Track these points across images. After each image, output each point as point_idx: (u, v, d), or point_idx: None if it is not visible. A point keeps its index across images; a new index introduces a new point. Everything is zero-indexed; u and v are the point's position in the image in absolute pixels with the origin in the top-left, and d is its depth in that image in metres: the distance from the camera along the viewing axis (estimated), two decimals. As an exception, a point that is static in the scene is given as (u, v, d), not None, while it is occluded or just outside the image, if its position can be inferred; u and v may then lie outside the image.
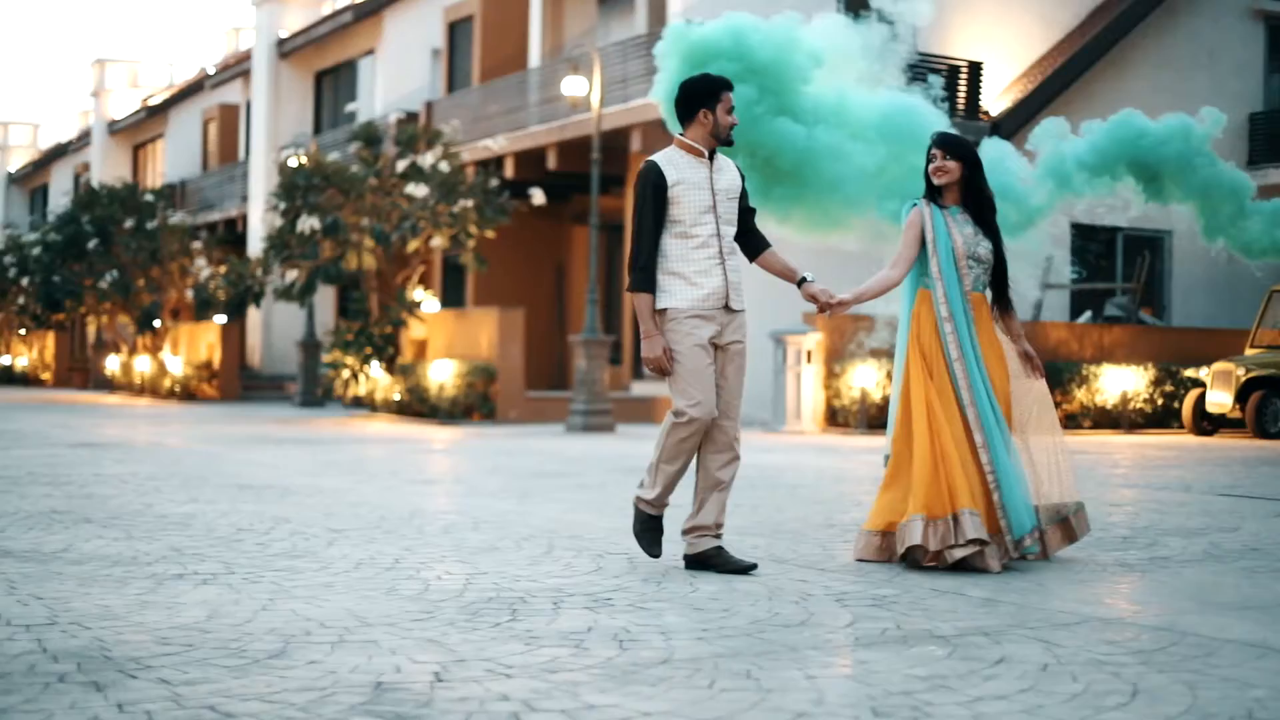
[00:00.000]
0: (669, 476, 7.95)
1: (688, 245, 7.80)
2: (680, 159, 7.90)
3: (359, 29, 41.09)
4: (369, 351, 29.08)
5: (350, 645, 5.80)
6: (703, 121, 7.90)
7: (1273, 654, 5.75)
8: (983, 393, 8.07)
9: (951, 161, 8.31)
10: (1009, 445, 8.09)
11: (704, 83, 7.99)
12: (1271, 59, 32.12)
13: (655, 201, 7.78)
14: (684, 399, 7.75)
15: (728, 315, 7.90)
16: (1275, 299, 24.51)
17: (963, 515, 7.82)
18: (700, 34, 12.40)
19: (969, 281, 8.24)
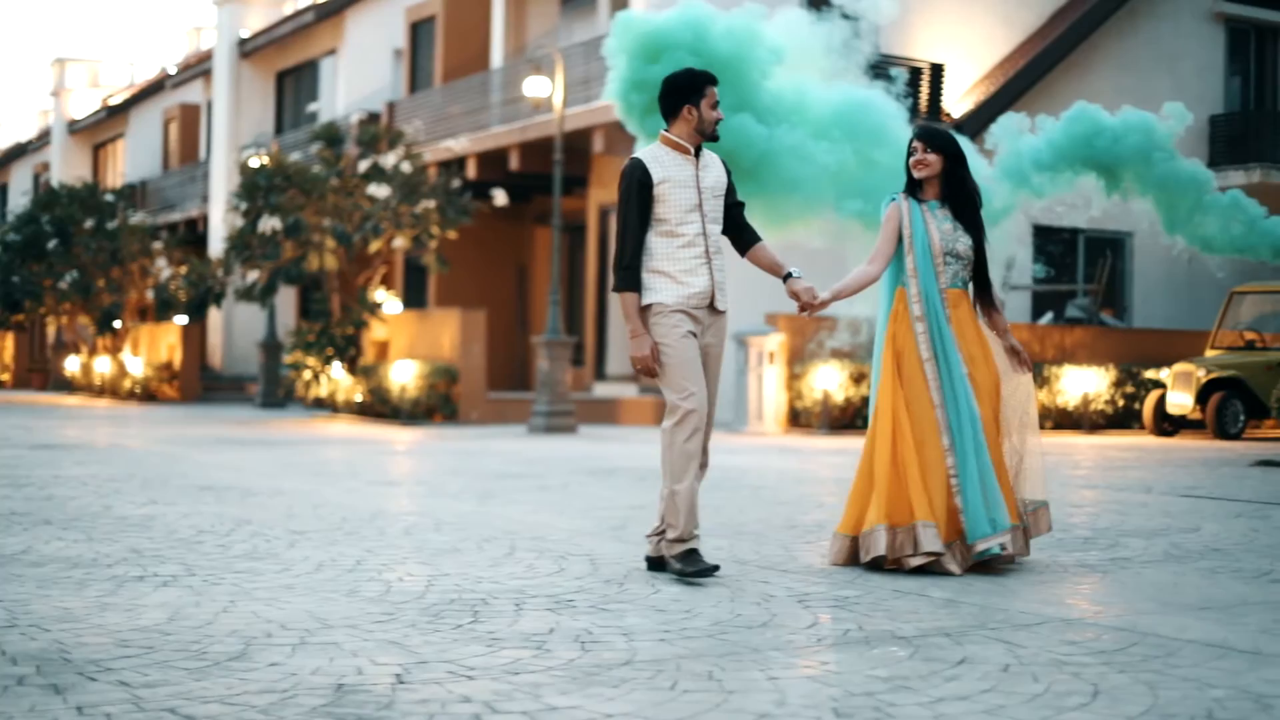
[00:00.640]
0: (686, 499, 7.58)
1: (674, 244, 7.68)
2: (665, 156, 7.77)
3: (321, 29, 41.00)
4: (330, 352, 29.00)
5: (311, 647, 5.78)
6: (687, 117, 7.77)
7: (1233, 654, 5.77)
8: (952, 394, 8.00)
9: (932, 155, 8.22)
10: (979, 448, 7.95)
11: (687, 78, 7.83)
12: (1232, 62, 32.29)
13: (640, 199, 7.67)
14: (677, 392, 7.62)
15: (711, 316, 7.80)
16: (1235, 301, 24.63)
17: (918, 527, 7.82)
18: (653, 25, 12.04)
19: (946, 278, 8.15)
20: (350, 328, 29.07)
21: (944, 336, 8.09)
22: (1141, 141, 12.29)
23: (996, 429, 8.12)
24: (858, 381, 24.09)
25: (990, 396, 8.12)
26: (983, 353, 8.20)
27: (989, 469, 7.96)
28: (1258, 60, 33.01)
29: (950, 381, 8.03)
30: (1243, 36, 32.67)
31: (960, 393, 8.01)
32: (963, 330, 8.16)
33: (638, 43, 11.83)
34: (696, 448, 7.63)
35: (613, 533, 9.80)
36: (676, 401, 7.62)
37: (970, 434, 7.95)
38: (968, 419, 7.97)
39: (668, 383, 7.67)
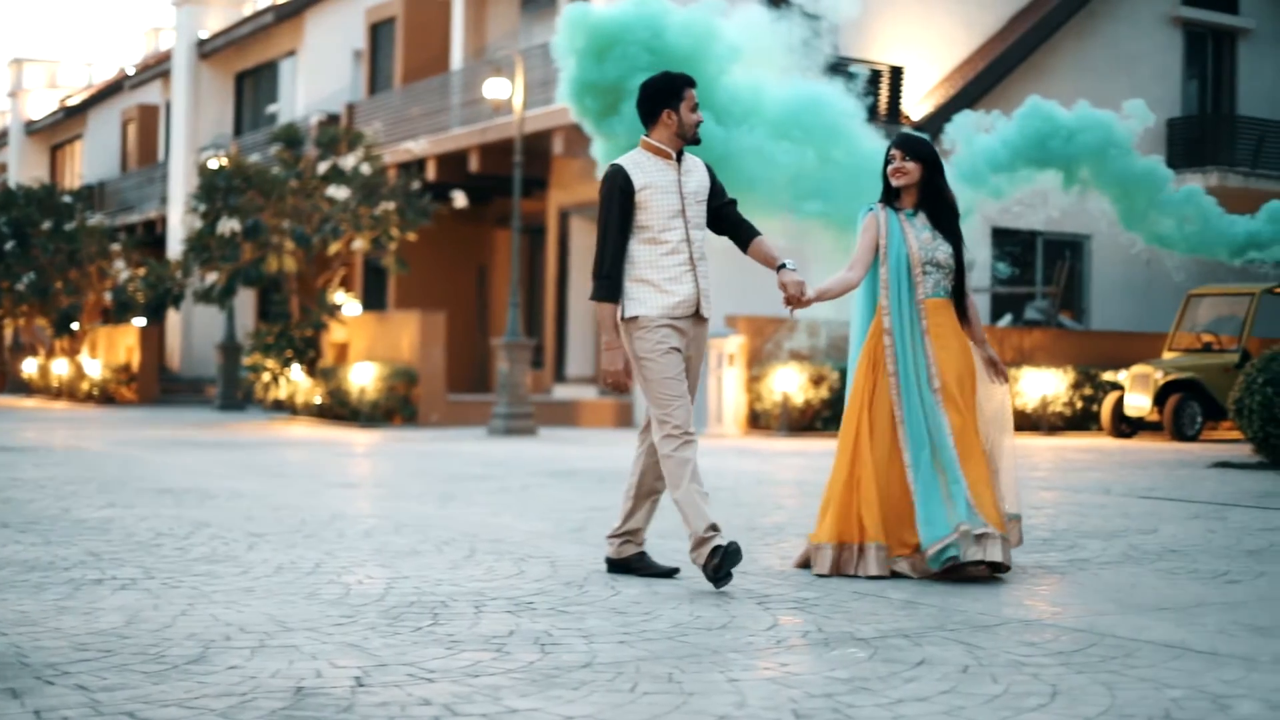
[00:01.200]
0: (693, 502, 7.43)
1: (657, 251, 7.56)
2: (647, 161, 7.66)
3: (280, 30, 40.89)
4: (289, 354, 28.91)
5: (270, 650, 5.76)
6: (667, 122, 7.65)
7: (1190, 654, 5.80)
8: (919, 410, 7.88)
9: (911, 163, 8.10)
10: (948, 463, 7.79)
11: (665, 81, 7.71)
12: (1189, 65, 32.46)
13: (621, 207, 7.55)
14: (669, 415, 7.47)
15: (696, 326, 7.69)
16: (1193, 303, 24.75)
17: (869, 549, 7.82)
18: (603, 19, 11.67)
19: (927, 287, 8.04)
20: (309, 330, 28.99)
21: (916, 349, 7.99)
22: (1098, 137, 12.23)
23: (976, 439, 7.95)
24: (817, 384, 24.12)
25: (969, 409, 7.99)
26: (966, 363, 8.07)
27: (959, 482, 7.76)
28: (1215, 64, 33.17)
29: (918, 396, 7.92)
30: (1200, 40, 32.83)
31: (927, 407, 7.90)
32: (944, 341, 8.02)
33: (588, 39, 11.57)
34: (688, 455, 7.49)
35: (572, 535, 9.80)
36: (671, 426, 7.48)
37: (928, 450, 7.82)
38: (933, 434, 7.84)
39: (656, 399, 7.55)
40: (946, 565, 7.64)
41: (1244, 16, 33.01)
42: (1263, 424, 16.70)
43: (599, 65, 11.49)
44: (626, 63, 11.16)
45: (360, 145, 29.19)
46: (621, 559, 7.93)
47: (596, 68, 11.51)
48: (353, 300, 30.86)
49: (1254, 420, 16.82)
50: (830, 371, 24.05)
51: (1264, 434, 16.75)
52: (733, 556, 7.26)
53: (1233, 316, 24.39)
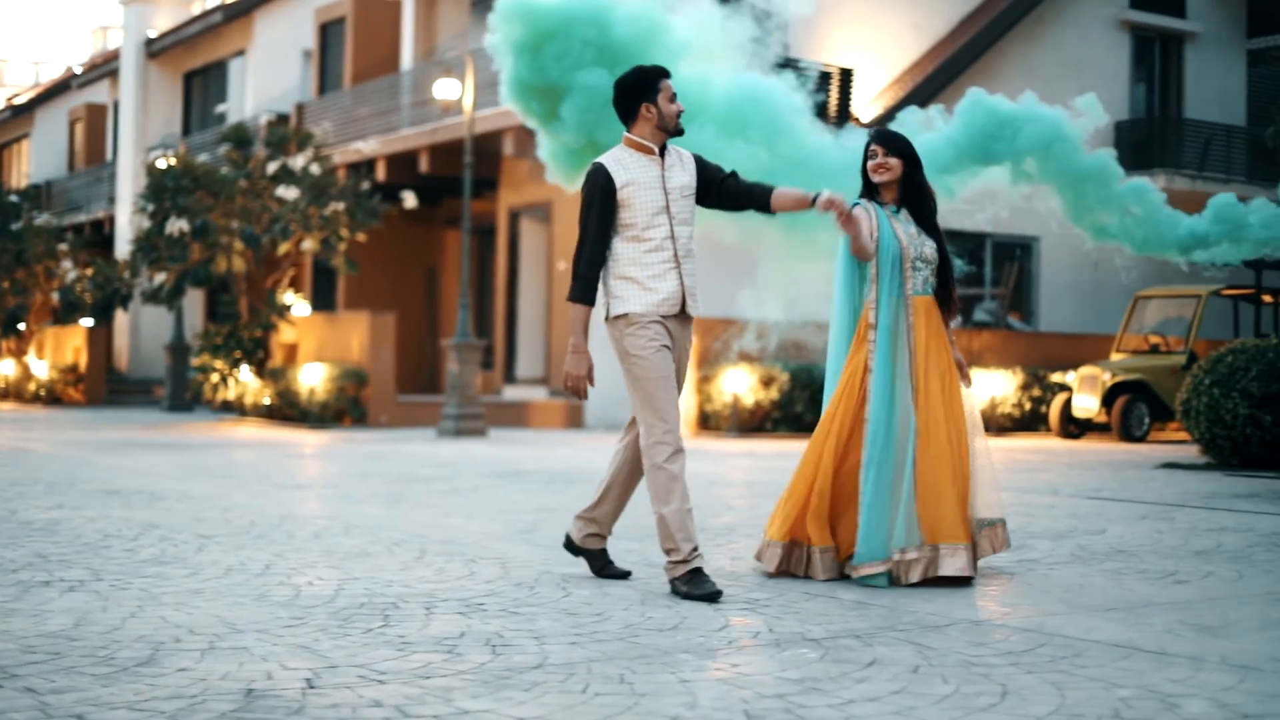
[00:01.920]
0: (675, 520, 7.26)
1: (640, 249, 7.40)
2: (629, 158, 7.48)
3: (229, 29, 40.73)
4: (238, 355, 28.81)
5: (220, 652, 5.74)
6: (647, 116, 7.47)
7: (1138, 654, 5.83)
8: (888, 410, 7.70)
9: (893, 158, 7.95)
10: (904, 467, 7.63)
11: (639, 75, 7.53)
12: (1137, 68, 32.64)
13: (603, 206, 7.38)
14: (658, 421, 7.29)
15: (682, 325, 7.53)
16: (1140, 305, 24.89)
17: (815, 552, 7.80)
18: (541, 11, 11.12)
19: (917, 284, 7.91)
20: (258, 330, 28.88)
21: (900, 346, 7.82)
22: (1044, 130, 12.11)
23: (947, 445, 7.74)
24: (767, 385, 24.17)
25: (958, 411, 7.86)
26: (949, 362, 7.96)
27: (909, 493, 7.62)
28: (1162, 67, 33.37)
29: (891, 393, 7.74)
30: (1147, 44, 33.02)
31: (901, 406, 7.73)
32: (931, 338, 7.90)
33: (525, 32, 11.13)
34: (678, 469, 7.29)
35: (523, 536, 9.79)
36: (659, 435, 7.31)
37: (891, 452, 7.65)
38: (900, 434, 7.68)
39: (645, 403, 7.36)
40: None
41: (1191, 20, 33.23)
42: (1209, 425, 16.81)
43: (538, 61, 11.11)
44: (569, 59, 10.89)
45: (310, 145, 29.11)
46: (583, 547, 7.92)
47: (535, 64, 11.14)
48: (302, 301, 30.76)
49: (1201, 421, 16.92)
50: (780, 373, 24.09)
51: (1210, 435, 16.86)
52: (711, 596, 7.15)
53: (1180, 318, 24.55)
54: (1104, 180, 12.24)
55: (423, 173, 30.82)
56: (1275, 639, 6.21)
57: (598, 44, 10.91)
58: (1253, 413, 16.41)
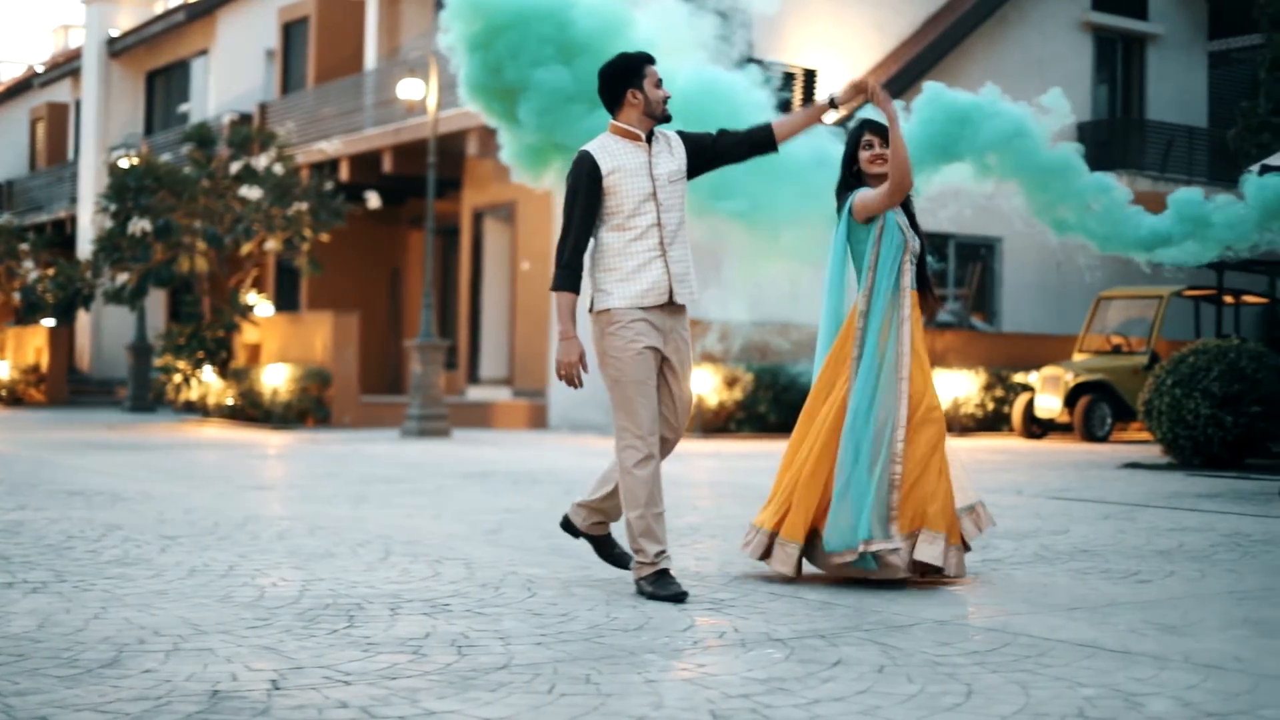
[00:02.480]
0: (645, 523, 7.25)
1: (625, 237, 7.27)
2: (615, 145, 7.36)
3: (192, 29, 40.59)
4: (201, 356, 28.71)
5: (185, 653, 5.72)
6: (633, 102, 7.36)
7: (1102, 653, 5.86)
8: (869, 395, 7.57)
9: (888, 149, 7.81)
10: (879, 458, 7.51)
11: (624, 62, 7.42)
12: (1099, 70, 32.76)
13: (588, 194, 7.24)
14: (630, 426, 7.24)
15: (671, 317, 7.37)
16: (1103, 305, 24.98)
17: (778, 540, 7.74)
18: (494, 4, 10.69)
19: (911, 277, 7.82)
20: (221, 331, 28.79)
21: (891, 336, 7.70)
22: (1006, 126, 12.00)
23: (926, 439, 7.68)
24: (730, 385, 24.18)
25: (919, 404, 7.73)
26: (927, 355, 7.89)
27: (883, 483, 7.52)
28: (1124, 68, 33.50)
29: (877, 382, 7.61)
30: (1110, 45, 33.14)
31: (887, 396, 7.62)
32: (917, 332, 7.83)
33: (478, 30, 10.73)
34: (649, 474, 7.24)
35: (487, 537, 9.78)
36: (630, 441, 7.26)
37: (868, 442, 7.52)
38: (875, 426, 7.56)
39: (620, 408, 7.29)
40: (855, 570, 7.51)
41: (1153, 22, 33.36)
42: (1171, 425, 16.89)
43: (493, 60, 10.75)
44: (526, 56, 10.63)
45: (273, 145, 29.05)
46: (588, 533, 7.87)
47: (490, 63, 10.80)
48: (265, 301, 30.69)
49: (1163, 421, 17.00)
50: (744, 374, 24.11)
51: (1173, 435, 16.94)
52: (677, 598, 7.13)
53: (1142, 319, 24.64)
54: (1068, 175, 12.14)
55: (386, 173, 30.75)
56: (1238, 638, 6.24)
57: (557, 40, 10.67)
58: (1214, 413, 16.50)
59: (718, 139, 7.66)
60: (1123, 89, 33.51)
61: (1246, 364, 16.66)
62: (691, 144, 7.60)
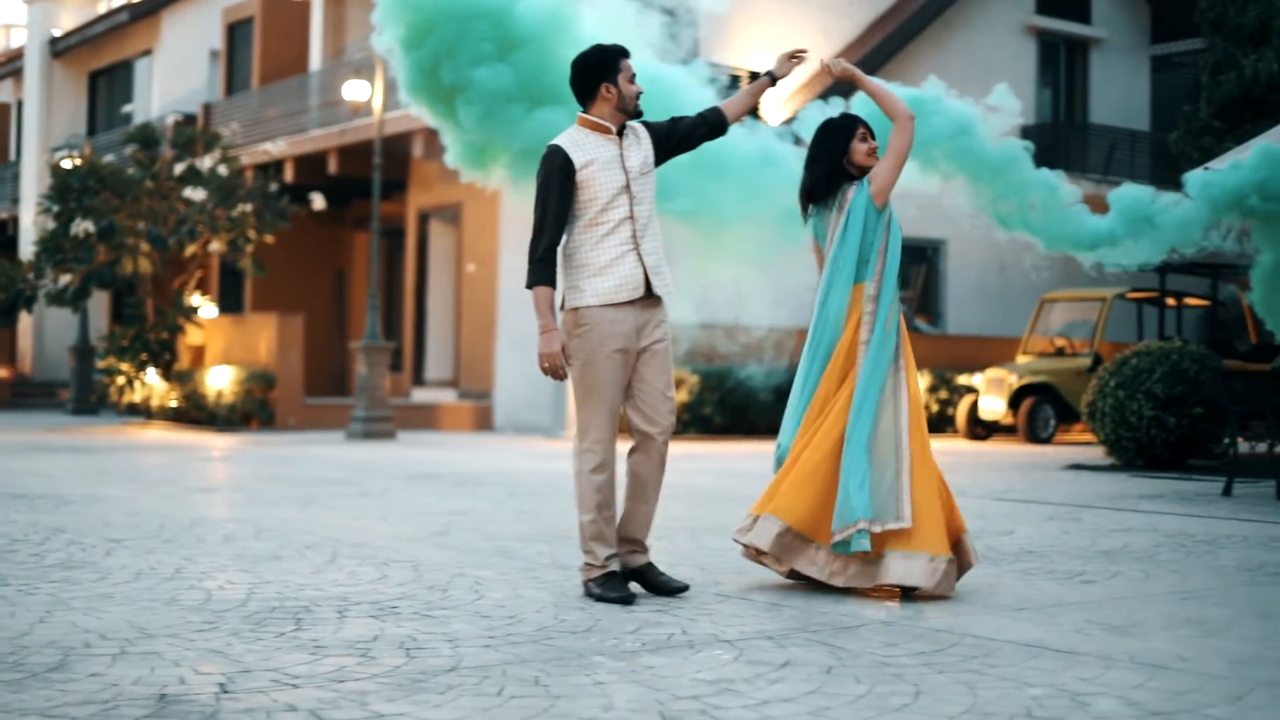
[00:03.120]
0: (596, 527, 7.24)
1: (597, 233, 7.16)
2: (586, 139, 7.25)
3: (135, 29, 40.37)
4: (145, 358, 28.57)
5: (132, 657, 5.70)
6: (606, 96, 7.25)
7: (1049, 653, 5.89)
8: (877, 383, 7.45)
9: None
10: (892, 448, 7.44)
11: (599, 55, 7.32)
12: (1043, 74, 32.94)
13: (561, 189, 7.11)
14: (590, 430, 7.21)
15: (646, 311, 7.26)
16: (1046, 308, 25.11)
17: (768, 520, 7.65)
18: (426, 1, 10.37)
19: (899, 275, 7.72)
20: (165, 333, 28.67)
21: (896, 322, 7.60)
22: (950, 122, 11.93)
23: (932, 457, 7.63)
24: (676, 387, 24.18)
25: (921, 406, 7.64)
26: None
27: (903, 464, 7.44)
28: (1068, 73, 33.70)
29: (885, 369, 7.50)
30: (1053, 49, 33.33)
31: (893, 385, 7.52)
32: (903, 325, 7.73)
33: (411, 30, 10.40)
34: (602, 481, 7.22)
35: (434, 539, 9.77)
36: (587, 444, 7.24)
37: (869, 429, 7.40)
38: (897, 415, 7.49)
39: (580, 406, 7.24)
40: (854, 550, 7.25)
41: (1096, 26, 33.56)
42: (1115, 427, 17.00)
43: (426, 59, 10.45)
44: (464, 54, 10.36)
45: (217, 146, 28.93)
46: (633, 570, 7.41)
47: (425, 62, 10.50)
48: (209, 303, 30.56)
49: (1106, 423, 17.11)
50: (690, 375, 24.12)
51: (1116, 436, 17.05)
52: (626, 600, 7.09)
53: (1085, 321, 24.78)
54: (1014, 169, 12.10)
55: (331, 174, 30.66)
56: (1182, 638, 6.29)
57: (497, 37, 10.39)
58: (1157, 414, 16.61)
59: (676, 125, 7.59)
60: (1066, 93, 33.71)
61: (1189, 366, 16.78)
62: (655, 133, 7.52)
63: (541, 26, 10.44)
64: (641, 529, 7.46)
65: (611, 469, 7.28)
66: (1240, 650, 6.04)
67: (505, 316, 27.34)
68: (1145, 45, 34.68)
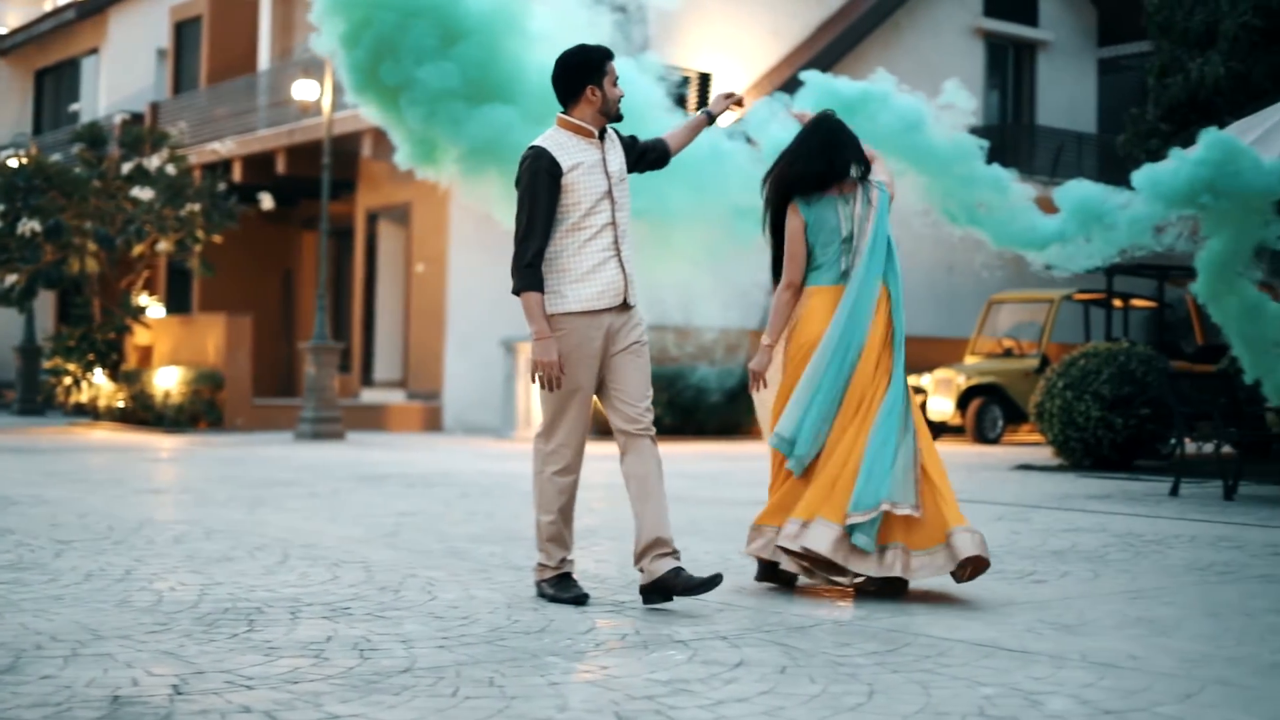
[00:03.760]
0: (555, 528, 7.17)
1: (580, 238, 6.99)
2: (569, 141, 7.09)
3: (82, 27, 40.12)
4: (91, 358, 28.44)
5: (84, 659, 5.67)
6: (590, 98, 7.09)
7: (1001, 653, 5.92)
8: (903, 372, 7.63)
9: None
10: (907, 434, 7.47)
11: (586, 55, 7.15)
12: (990, 76, 33.11)
13: (549, 192, 6.94)
14: (556, 434, 7.12)
15: (621, 315, 7.11)
16: (994, 309, 25.22)
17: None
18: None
19: None
20: (112, 333, 28.54)
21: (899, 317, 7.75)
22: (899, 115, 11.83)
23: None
24: (627, 388, 24.18)
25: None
26: None
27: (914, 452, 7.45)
28: (1015, 75, 33.88)
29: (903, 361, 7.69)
30: (1001, 52, 33.50)
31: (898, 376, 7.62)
32: None
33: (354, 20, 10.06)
34: (565, 484, 7.13)
35: (385, 540, 9.75)
36: (553, 446, 7.14)
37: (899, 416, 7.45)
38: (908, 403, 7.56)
39: (546, 409, 7.14)
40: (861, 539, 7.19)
41: (1043, 29, 33.75)
42: (1062, 427, 17.09)
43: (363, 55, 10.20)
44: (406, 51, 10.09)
45: (165, 146, 28.80)
46: (656, 581, 6.99)
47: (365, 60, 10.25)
48: (156, 303, 30.41)
49: (1054, 424, 17.21)
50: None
51: (1064, 437, 17.15)
52: (579, 600, 7.09)
53: (1032, 322, 24.90)
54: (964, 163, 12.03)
55: (280, 174, 30.55)
56: (1132, 637, 6.33)
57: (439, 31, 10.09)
58: (1104, 415, 16.71)
59: (636, 142, 7.54)
60: (1013, 95, 33.89)
61: (1136, 367, 16.89)
62: (624, 143, 7.44)
63: (488, 19, 10.21)
64: (662, 526, 7.03)
65: (578, 473, 7.21)
66: (1190, 649, 6.08)
67: (454, 317, 27.32)
68: (1092, 48, 34.89)
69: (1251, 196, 11.45)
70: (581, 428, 7.15)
